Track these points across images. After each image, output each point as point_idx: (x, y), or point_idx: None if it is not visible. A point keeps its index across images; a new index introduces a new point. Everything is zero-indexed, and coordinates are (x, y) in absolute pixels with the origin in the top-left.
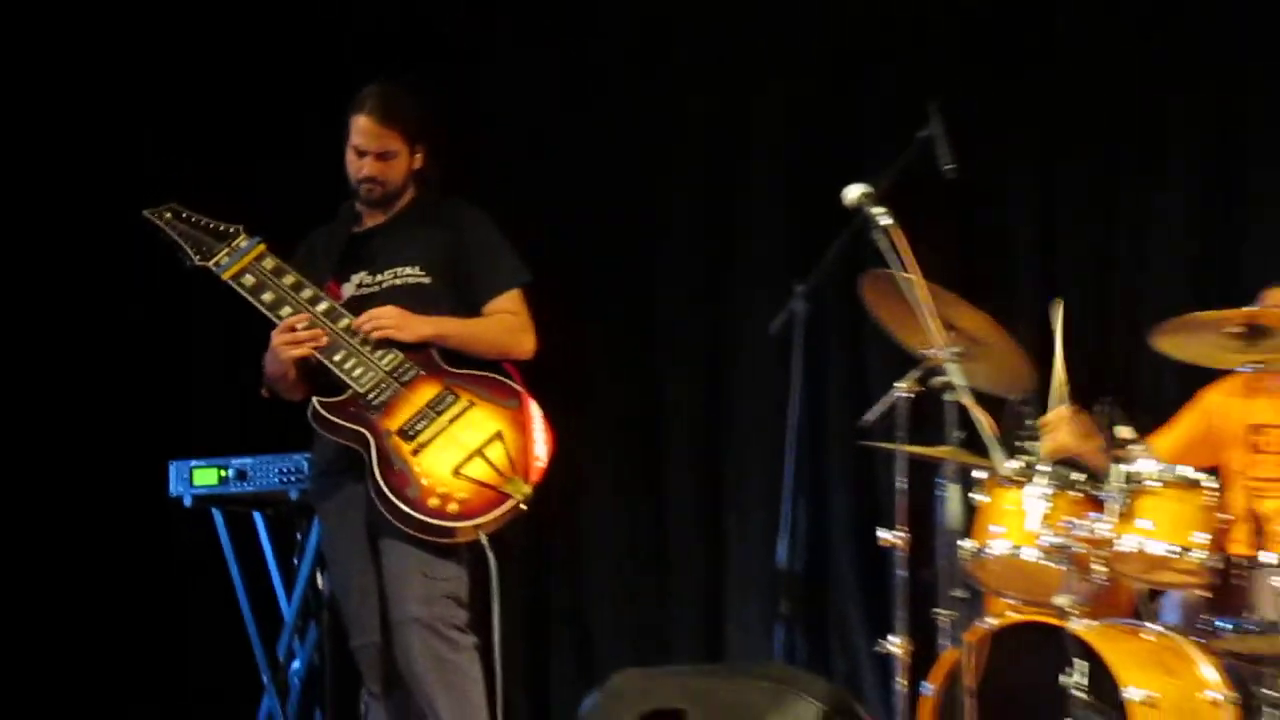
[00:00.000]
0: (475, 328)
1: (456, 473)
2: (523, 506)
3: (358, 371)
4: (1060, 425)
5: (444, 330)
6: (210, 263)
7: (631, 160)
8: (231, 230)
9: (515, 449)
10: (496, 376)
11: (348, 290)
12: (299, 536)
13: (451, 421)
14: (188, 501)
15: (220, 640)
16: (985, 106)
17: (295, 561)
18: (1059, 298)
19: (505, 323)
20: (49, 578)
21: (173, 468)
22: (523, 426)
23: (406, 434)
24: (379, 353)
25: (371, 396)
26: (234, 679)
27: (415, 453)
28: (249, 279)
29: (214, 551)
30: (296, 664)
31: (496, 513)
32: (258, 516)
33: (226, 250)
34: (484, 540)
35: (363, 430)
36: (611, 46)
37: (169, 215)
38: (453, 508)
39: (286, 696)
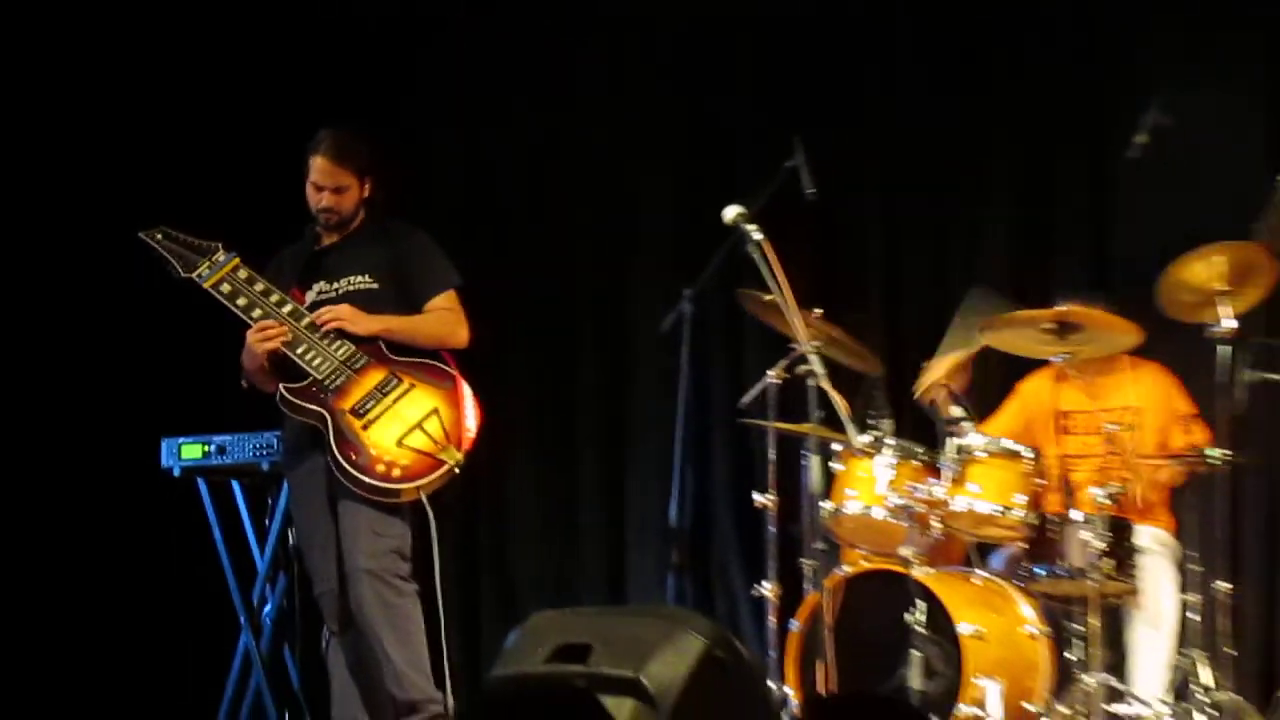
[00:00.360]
0: (417, 323)
1: (400, 443)
2: (456, 470)
3: (317, 361)
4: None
5: (390, 326)
6: (193, 274)
7: (547, 186)
8: (211, 246)
9: (449, 422)
10: (434, 363)
11: (310, 297)
12: (270, 501)
13: (395, 401)
14: (176, 472)
15: (204, 588)
16: (840, 141)
17: (266, 522)
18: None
19: (442, 318)
20: (62, 534)
21: (164, 444)
22: (455, 404)
23: (358, 412)
24: (334, 345)
25: (328, 382)
26: (216, 620)
27: (365, 428)
28: (226, 287)
29: (199, 514)
30: (268, 607)
31: (433, 476)
32: (235, 485)
33: (207, 264)
34: (424, 500)
35: (322, 410)
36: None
37: (159, 236)
38: (396, 473)
39: (260, 634)
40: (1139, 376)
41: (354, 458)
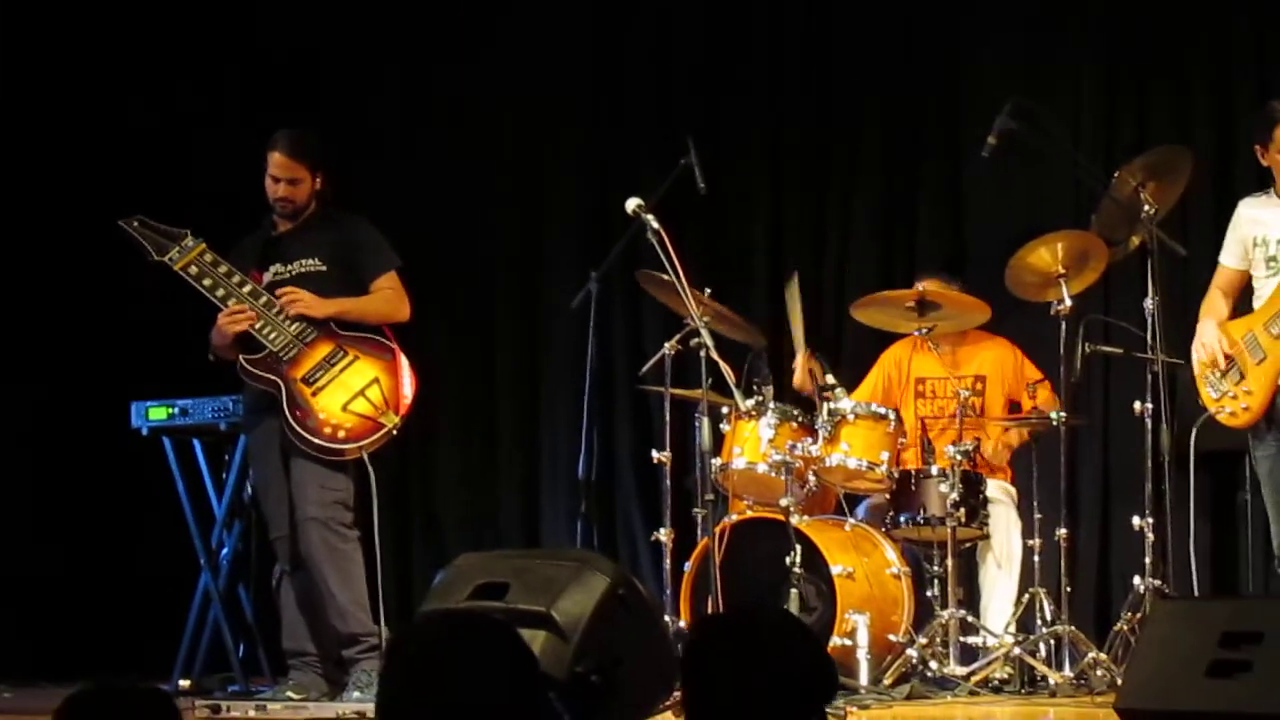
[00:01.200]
0: (364, 304)
1: (344, 409)
2: (394, 432)
3: (273, 336)
4: (801, 366)
5: (343, 308)
6: (165, 258)
7: (474, 180)
8: (180, 233)
9: (388, 390)
10: (375, 337)
11: (267, 277)
12: (226, 458)
13: (341, 371)
14: (145, 432)
15: (168, 534)
16: (729, 137)
17: (224, 476)
18: (792, 276)
19: (386, 297)
20: (42, 487)
21: (133, 406)
22: (394, 373)
23: (308, 380)
24: (288, 321)
25: (282, 354)
26: (179, 563)
27: (314, 394)
28: (194, 269)
29: (164, 469)
30: (225, 551)
31: (374, 437)
32: (196, 443)
33: (177, 249)
34: (365, 458)
35: (276, 379)
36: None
37: (136, 224)
38: (341, 435)
39: (218, 574)
40: (988, 349)
41: (305, 420)
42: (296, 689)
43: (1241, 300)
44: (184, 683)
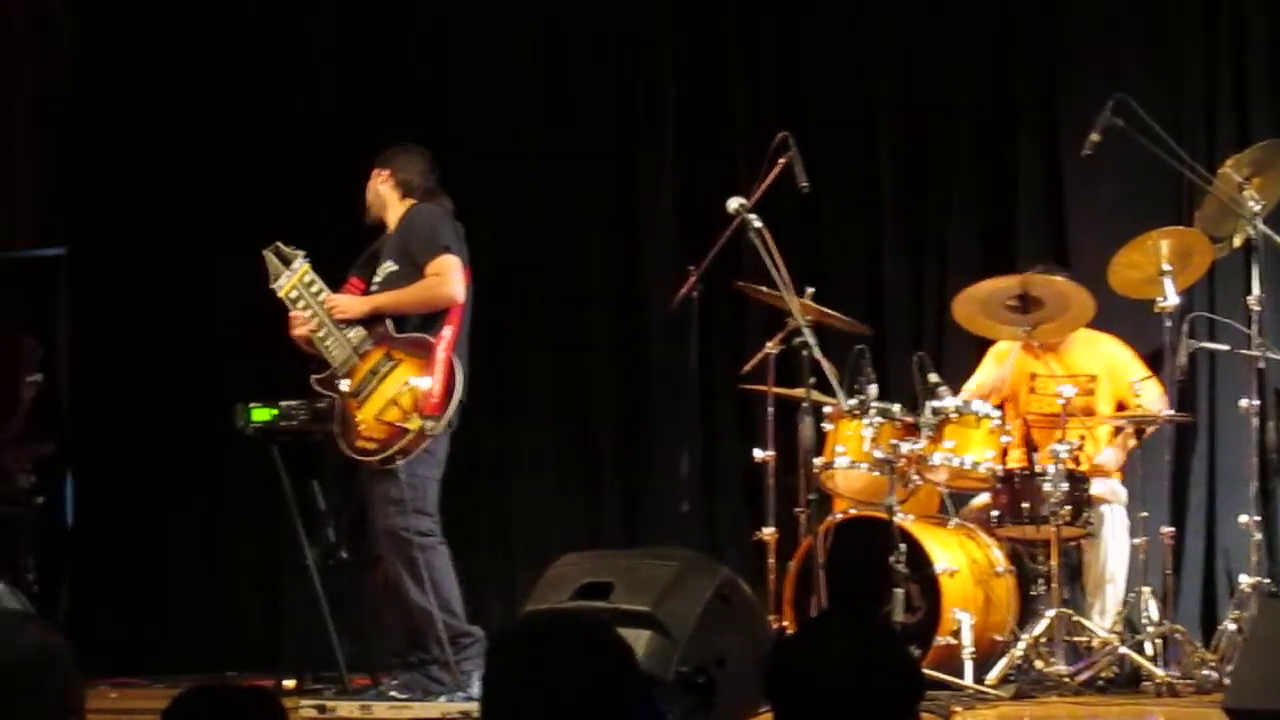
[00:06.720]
0: (400, 296)
1: (377, 418)
2: (425, 433)
3: (335, 350)
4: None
5: (377, 304)
6: (274, 285)
7: (570, 178)
8: (294, 255)
9: (418, 393)
10: (422, 335)
11: (372, 286)
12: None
13: (381, 381)
14: (249, 432)
15: (274, 534)
16: (833, 135)
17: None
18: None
19: (426, 284)
20: (146, 486)
21: (243, 409)
22: (425, 370)
23: (356, 395)
24: (349, 330)
25: (340, 369)
26: (284, 562)
27: (358, 408)
28: (293, 294)
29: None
30: (329, 550)
31: (400, 444)
32: (300, 444)
33: (286, 274)
34: (399, 463)
35: (334, 396)
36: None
37: (271, 253)
38: (373, 446)
39: (322, 573)
40: (1100, 346)
41: (344, 434)
42: (400, 688)
43: None
44: (288, 682)
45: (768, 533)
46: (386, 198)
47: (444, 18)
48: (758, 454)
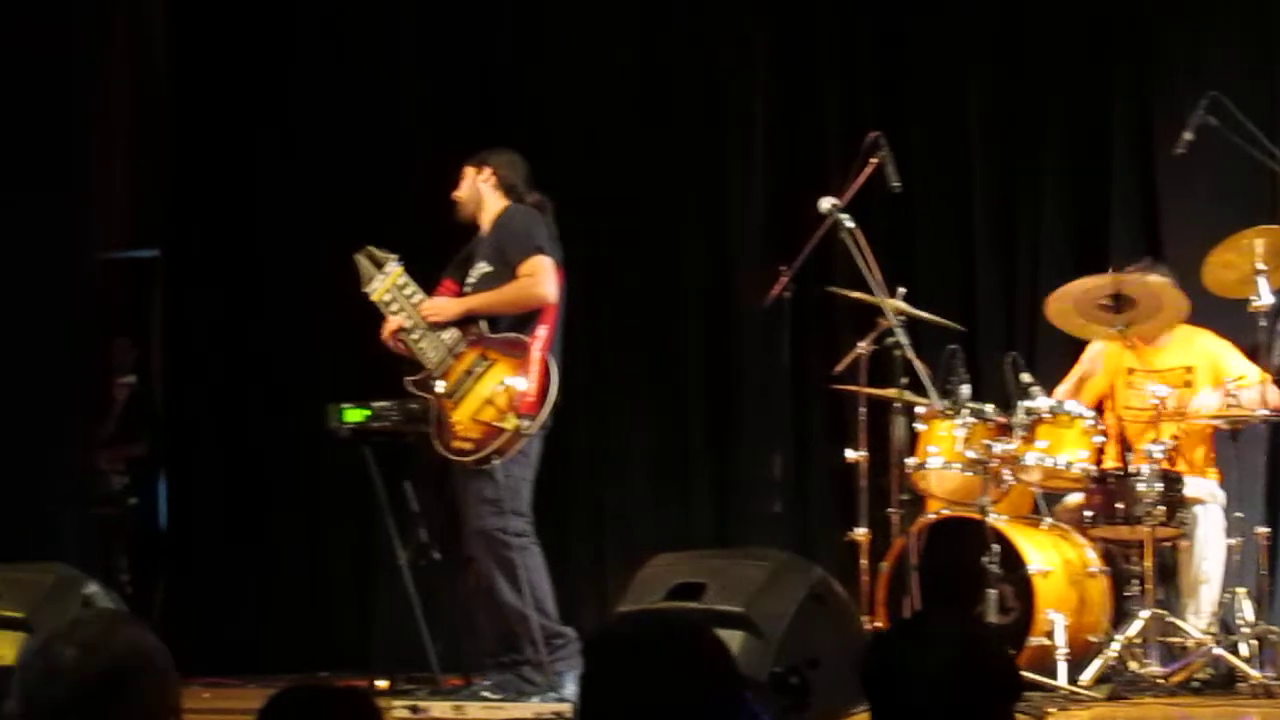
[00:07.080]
0: (493, 297)
1: (473, 419)
2: (520, 432)
3: (429, 351)
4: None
5: (470, 305)
6: (367, 289)
7: (666, 179)
8: (387, 258)
9: (513, 392)
10: (517, 335)
11: (466, 287)
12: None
13: (477, 381)
14: (342, 434)
15: (367, 534)
16: (925, 134)
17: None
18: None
19: (518, 285)
20: (238, 486)
21: (336, 410)
22: (520, 369)
23: (451, 395)
24: (444, 332)
25: (436, 371)
26: (376, 562)
27: (454, 409)
28: (387, 297)
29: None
30: (422, 551)
31: (496, 443)
32: (393, 444)
33: (379, 278)
34: (495, 463)
35: (429, 398)
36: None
37: (363, 256)
38: (469, 446)
39: (415, 574)
40: (1197, 339)
41: (440, 435)
42: (493, 689)
43: None
44: (381, 683)
45: (860, 533)
46: (486, 196)
47: (535, 19)
48: (849, 455)
